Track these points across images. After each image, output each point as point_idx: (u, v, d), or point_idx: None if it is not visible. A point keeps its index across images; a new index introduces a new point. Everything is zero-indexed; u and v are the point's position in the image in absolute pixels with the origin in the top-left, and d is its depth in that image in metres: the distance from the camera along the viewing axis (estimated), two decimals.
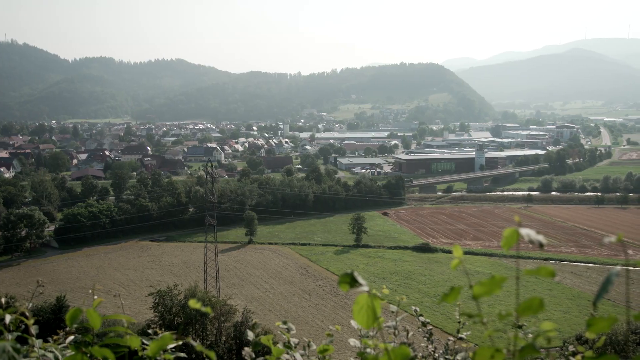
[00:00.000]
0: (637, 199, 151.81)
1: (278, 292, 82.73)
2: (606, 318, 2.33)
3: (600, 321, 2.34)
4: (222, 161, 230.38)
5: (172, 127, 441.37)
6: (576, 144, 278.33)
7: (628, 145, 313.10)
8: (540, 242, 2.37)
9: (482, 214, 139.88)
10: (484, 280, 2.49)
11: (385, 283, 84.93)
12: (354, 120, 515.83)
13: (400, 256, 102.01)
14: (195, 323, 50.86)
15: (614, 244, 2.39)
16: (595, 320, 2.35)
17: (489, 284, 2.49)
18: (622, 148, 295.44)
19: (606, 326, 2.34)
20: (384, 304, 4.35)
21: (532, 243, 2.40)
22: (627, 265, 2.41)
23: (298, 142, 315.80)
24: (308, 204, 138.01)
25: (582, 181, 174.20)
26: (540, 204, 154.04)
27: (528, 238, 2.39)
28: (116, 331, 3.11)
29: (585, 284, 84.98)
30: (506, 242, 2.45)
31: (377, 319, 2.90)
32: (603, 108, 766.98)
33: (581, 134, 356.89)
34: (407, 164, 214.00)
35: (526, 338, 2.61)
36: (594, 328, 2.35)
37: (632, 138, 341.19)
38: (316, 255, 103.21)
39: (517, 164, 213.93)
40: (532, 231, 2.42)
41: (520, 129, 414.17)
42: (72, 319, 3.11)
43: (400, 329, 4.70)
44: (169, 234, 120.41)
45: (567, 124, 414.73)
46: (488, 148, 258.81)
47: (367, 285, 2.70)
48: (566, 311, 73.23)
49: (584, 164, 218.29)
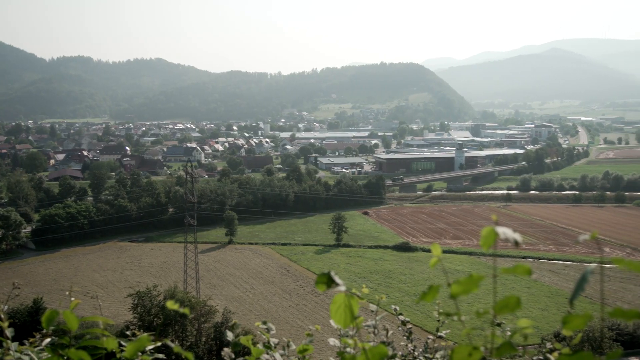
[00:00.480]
0: (614, 197, 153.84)
1: (258, 292, 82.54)
2: (581, 316, 2.36)
3: (576, 318, 2.36)
4: (202, 161, 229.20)
5: (152, 127, 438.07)
6: (554, 143, 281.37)
7: (605, 144, 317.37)
8: (516, 241, 2.39)
9: (462, 212, 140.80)
10: (461, 279, 2.50)
11: (366, 282, 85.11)
12: (335, 120, 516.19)
13: (380, 255, 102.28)
14: (175, 324, 50.54)
15: (589, 241, 2.43)
16: (571, 317, 2.38)
17: (466, 282, 2.50)
18: (599, 147, 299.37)
19: (581, 323, 2.37)
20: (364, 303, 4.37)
21: (509, 241, 2.42)
22: (602, 263, 2.49)
23: (278, 141, 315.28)
24: (289, 204, 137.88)
25: (560, 180, 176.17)
26: (519, 202, 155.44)
27: (504, 237, 2.41)
28: (93, 333, 3.07)
29: (563, 281, 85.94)
30: (485, 241, 2.46)
31: (355, 318, 2.90)
32: (581, 107, 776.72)
33: (559, 134, 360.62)
34: (387, 164, 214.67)
35: (503, 336, 2.64)
36: (569, 325, 2.38)
37: (608, 137, 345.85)
38: (297, 255, 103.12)
39: (496, 163, 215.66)
40: (508, 230, 2.42)
41: (499, 128, 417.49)
42: (48, 321, 3.07)
43: (380, 328, 4.72)
44: (149, 235, 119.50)
45: (545, 123, 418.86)
46: (468, 147, 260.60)
47: (344, 285, 2.69)
48: (544, 309, 74.00)
49: (562, 163, 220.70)
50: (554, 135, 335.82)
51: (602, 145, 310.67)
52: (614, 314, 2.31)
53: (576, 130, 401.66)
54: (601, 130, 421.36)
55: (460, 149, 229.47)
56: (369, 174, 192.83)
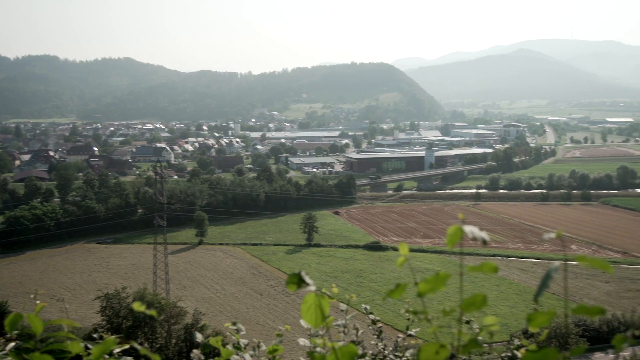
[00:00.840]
0: (580, 195, 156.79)
1: (229, 293, 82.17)
2: (546, 312, 2.37)
3: (540, 315, 2.38)
4: (172, 161, 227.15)
5: (120, 126, 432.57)
6: (522, 142, 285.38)
7: (571, 143, 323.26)
8: (484, 239, 2.40)
9: (432, 211, 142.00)
10: (429, 278, 2.50)
11: (337, 282, 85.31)
12: (305, 120, 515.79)
13: (351, 255, 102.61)
14: (145, 326, 49.96)
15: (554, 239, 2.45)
16: (536, 314, 2.39)
17: (433, 281, 2.51)
18: (566, 146, 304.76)
19: (546, 320, 2.38)
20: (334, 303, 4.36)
21: (476, 240, 2.44)
22: (567, 260, 2.52)
23: (249, 141, 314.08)
24: (259, 204, 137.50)
25: (528, 179, 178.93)
26: (488, 201, 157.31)
27: (472, 235, 2.43)
28: (58, 336, 3.02)
29: (531, 279, 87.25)
30: (450, 239, 2.47)
31: (326, 318, 2.89)
32: (548, 107, 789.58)
33: (527, 133, 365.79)
34: (358, 163, 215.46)
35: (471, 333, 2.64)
36: (534, 322, 2.40)
37: (575, 136, 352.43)
38: (268, 255, 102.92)
39: (465, 163, 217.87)
40: (475, 228, 2.43)
41: (468, 127, 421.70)
42: (11, 325, 3.00)
43: (350, 327, 4.72)
44: (117, 236, 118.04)
45: (513, 122, 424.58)
46: (438, 147, 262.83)
47: (315, 285, 2.70)
48: (513, 306, 75.05)
49: (530, 162, 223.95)
50: (522, 134, 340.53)
51: (569, 145, 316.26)
52: (578, 310, 2.36)
53: (543, 129, 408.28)
54: (568, 129, 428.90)
55: (430, 148, 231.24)
56: (339, 173, 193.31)
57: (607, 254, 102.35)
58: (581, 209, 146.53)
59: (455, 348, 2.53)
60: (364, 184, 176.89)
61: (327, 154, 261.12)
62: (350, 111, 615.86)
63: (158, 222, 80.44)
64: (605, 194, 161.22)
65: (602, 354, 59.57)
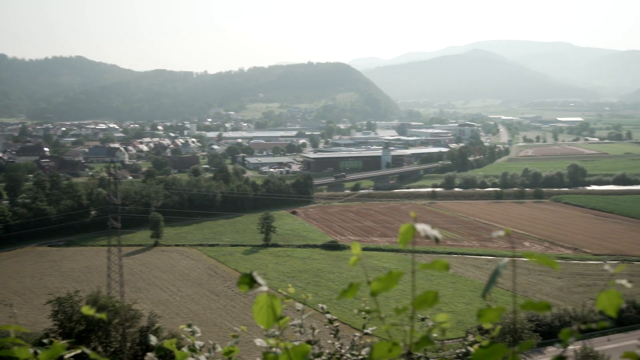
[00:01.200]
0: (533, 193, 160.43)
1: (186, 295, 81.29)
2: (495, 309, 2.41)
3: (490, 311, 2.41)
4: (126, 162, 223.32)
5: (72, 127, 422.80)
6: (477, 141, 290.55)
7: (524, 142, 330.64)
8: (436, 237, 2.42)
9: (389, 210, 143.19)
10: (381, 277, 2.50)
11: (295, 282, 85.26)
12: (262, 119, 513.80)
13: (309, 254, 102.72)
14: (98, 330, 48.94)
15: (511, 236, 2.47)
16: (485, 311, 2.42)
17: (386, 279, 2.51)
18: (519, 145, 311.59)
19: (495, 316, 2.41)
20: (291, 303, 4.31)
21: (428, 238, 2.45)
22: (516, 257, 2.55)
23: (205, 141, 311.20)
24: (216, 204, 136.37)
25: (482, 177, 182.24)
26: (444, 199, 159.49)
27: (424, 233, 2.44)
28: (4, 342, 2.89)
29: (486, 276, 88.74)
30: (403, 238, 2.47)
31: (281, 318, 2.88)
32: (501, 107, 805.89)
33: (481, 132, 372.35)
34: (315, 163, 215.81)
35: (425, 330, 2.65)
36: (484, 318, 2.42)
37: (527, 135, 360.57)
38: (225, 255, 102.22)
39: (421, 162, 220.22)
40: (427, 226, 2.44)
41: (424, 127, 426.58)
42: None
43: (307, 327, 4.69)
44: (70, 239, 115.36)
45: (468, 122, 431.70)
46: (394, 146, 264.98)
47: (267, 285, 2.69)
48: (469, 303, 76.26)
49: (484, 160, 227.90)
50: (477, 133, 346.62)
51: (522, 144, 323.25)
52: (526, 306, 2.39)
53: (497, 129, 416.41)
54: (520, 128, 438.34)
55: (387, 147, 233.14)
56: (297, 173, 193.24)
57: (559, 250, 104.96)
58: (534, 206, 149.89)
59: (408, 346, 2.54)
60: (325, 183, 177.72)
61: (285, 153, 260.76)
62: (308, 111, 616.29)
63: (112, 224, 79.05)
64: (557, 191, 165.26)
65: (554, 348, 61.04)
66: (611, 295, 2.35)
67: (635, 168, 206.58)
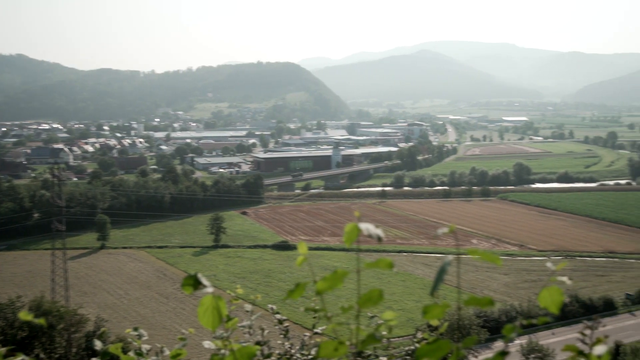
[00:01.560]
0: (480, 191, 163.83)
1: (134, 298, 79.83)
2: (440, 305, 2.43)
3: (435, 308, 2.44)
4: (71, 163, 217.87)
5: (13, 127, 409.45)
6: (425, 141, 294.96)
7: (471, 141, 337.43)
8: (379, 236, 2.43)
9: (339, 210, 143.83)
10: (327, 276, 2.51)
11: (245, 282, 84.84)
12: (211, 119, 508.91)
13: (260, 255, 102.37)
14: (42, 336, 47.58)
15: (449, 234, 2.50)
16: (430, 307, 2.45)
17: (331, 278, 2.51)
18: (466, 144, 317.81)
19: (440, 313, 2.44)
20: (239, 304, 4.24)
21: (372, 237, 2.45)
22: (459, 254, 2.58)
23: (153, 141, 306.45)
24: (164, 206, 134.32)
25: (431, 176, 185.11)
26: (393, 198, 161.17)
27: (367, 232, 2.45)
28: None
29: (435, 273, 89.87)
30: (348, 237, 2.49)
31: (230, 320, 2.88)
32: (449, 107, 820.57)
33: (430, 132, 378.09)
34: (265, 163, 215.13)
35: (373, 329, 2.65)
36: (429, 315, 2.46)
37: (474, 135, 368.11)
38: (174, 257, 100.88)
39: (371, 161, 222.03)
40: (371, 225, 2.46)
41: (374, 127, 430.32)
42: None
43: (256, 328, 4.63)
44: (11, 243, 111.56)
45: (417, 122, 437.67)
46: (344, 146, 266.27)
47: (212, 286, 2.68)
48: (418, 300, 77.28)
49: (432, 159, 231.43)
50: (425, 133, 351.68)
51: (469, 143, 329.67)
52: (469, 302, 2.43)
53: (445, 128, 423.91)
54: (468, 128, 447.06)
55: (337, 147, 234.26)
56: (247, 173, 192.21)
57: (505, 247, 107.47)
58: (481, 204, 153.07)
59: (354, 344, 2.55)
60: (282, 182, 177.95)
61: (234, 153, 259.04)
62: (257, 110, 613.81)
63: (56, 227, 77.01)
64: (503, 189, 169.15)
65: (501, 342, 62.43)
66: (553, 292, 2.42)
67: (577, 166, 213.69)
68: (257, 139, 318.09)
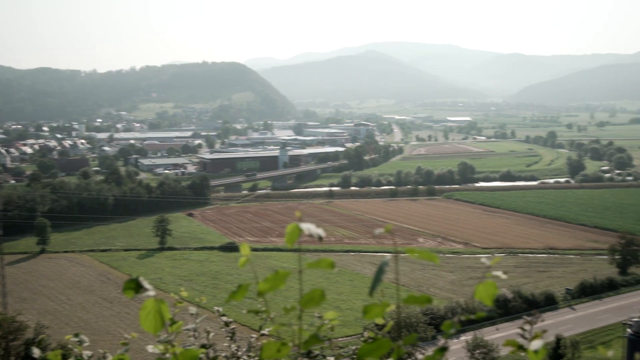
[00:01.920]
0: (426, 190, 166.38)
1: (76, 303, 77.78)
2: (380, 304, 2.45)
3: (375, 307, 2.46)
4: (8, 165, 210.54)
5: None
6: (372, 141, 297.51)
7: (417, 141, 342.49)
8: (320, 236, 2.46)
9: (287, 210, 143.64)
10: (268, 277, 2.53)
11: (192, 285, 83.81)
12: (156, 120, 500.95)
13: (206, 257, 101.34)
14: None
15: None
16: (370, 307, 2.47)
17: (273, 279, 2.54)
18: (412, 144, 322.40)
19: (380, 312, 2.46)
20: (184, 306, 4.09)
21: (312, 237, 2.47)
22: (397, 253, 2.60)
23: (95, 142, 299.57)
24: (108, 208, 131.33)
25: (378, 176, 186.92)
26: (341, 198, 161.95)
27: (308, 232, 2.46)
28: None
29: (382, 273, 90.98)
30: (289, 237, 2.50)
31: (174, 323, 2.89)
32: (395, 107, 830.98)
33: (376, 132, 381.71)
34: (211, 164, 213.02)
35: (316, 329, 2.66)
36: (369, 315, 2.46)
37: (420, 135, 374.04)
38: (118, 261, 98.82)
39: (318, 161, 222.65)
40: (312, 225, 2.48)
41: (321, 127, 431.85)
42: None
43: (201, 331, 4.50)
44: None
45: (363, 122, 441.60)
46: (291, 146, 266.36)
47: (154, 290, 2.67)
48: (366, 299, 77.64)
49: (379, 159, 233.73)
50: (372, 133, 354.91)
51: (415, 143, 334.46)
52: (408, 300, 2.46)
53: (391, 128, 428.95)
54: (413, 128, 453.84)
55: (284, 147, 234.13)
56: (193, 174, 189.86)
57: (451, 245, 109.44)
58: (427, 203, 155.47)
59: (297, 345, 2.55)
60: (235, 182, 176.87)
61: (180, 154, 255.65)
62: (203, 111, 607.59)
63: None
64: (448, 188, 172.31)
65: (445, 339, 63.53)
66: (488, 286, 2.49)
67: (519, 165, 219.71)
68: (203, 140, 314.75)
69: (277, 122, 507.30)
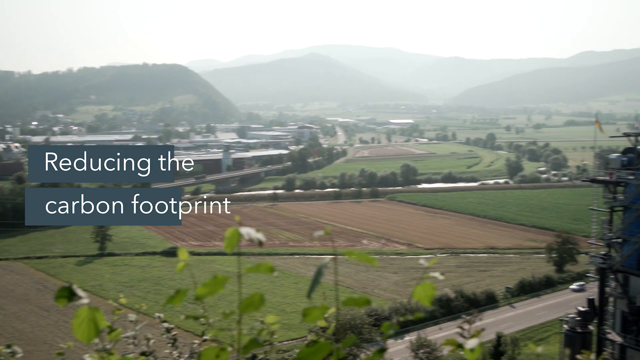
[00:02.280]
0: (370, 192, 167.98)
1: (10, 313, 74.97)
2: (319, 307, 2.51)
3: (314, 310, 2.52)
4: None
5: None
6: (316, 143, 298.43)
7: (360, 143, 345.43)
8: (260, 241, 2.49)
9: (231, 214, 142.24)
10: (207, 281, 2.51)
11: (134, 291, 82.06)
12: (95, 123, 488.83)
13: (148, 262, 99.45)
14: None
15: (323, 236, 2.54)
16: (310, 310, 2.52)
17: (211, 284, 2.52)
18: (355, 146, 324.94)
19: (319, 314, 2.52)
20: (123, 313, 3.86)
21: (252, 242, 2.50)
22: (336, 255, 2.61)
23: None
24: None
25: (322, 178, 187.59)
26: (285, 201, 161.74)
27: (248, 237, 2.50)
28: None
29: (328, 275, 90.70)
30: (228, 242, 2.52)
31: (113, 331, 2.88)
32: (338, 109, 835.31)
33: (320, 134, 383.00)
34: None
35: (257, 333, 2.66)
36: (309, 317, 2.53)
37: (363, 137, 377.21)
38: (55, 268, 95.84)
39: (262, 164, 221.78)
40: (252, 230, 2.51)
41: (264, 129, 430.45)
42: None
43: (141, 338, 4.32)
44: None
45: (307, 124, 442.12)
46: (234, 149, 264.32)
47: (87, 298, 2.64)
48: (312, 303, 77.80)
49: (323, 162, 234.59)
50: (315, 135, 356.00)
51: (358, 145, 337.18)
52: (346, 302, 2.51)
53: (335, 131, 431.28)
54: (357, 130, 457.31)
55: (227, 150, 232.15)
56: None
57: (395, 247, 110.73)
58: (370, 205, 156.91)
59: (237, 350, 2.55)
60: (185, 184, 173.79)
61: None
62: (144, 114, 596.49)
63: None
64: (392, 190, 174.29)
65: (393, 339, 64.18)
66: (426, 287, 2.54)
67: (460, 166, 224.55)
68: (145, 143, 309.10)
69: (220, 124, 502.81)
